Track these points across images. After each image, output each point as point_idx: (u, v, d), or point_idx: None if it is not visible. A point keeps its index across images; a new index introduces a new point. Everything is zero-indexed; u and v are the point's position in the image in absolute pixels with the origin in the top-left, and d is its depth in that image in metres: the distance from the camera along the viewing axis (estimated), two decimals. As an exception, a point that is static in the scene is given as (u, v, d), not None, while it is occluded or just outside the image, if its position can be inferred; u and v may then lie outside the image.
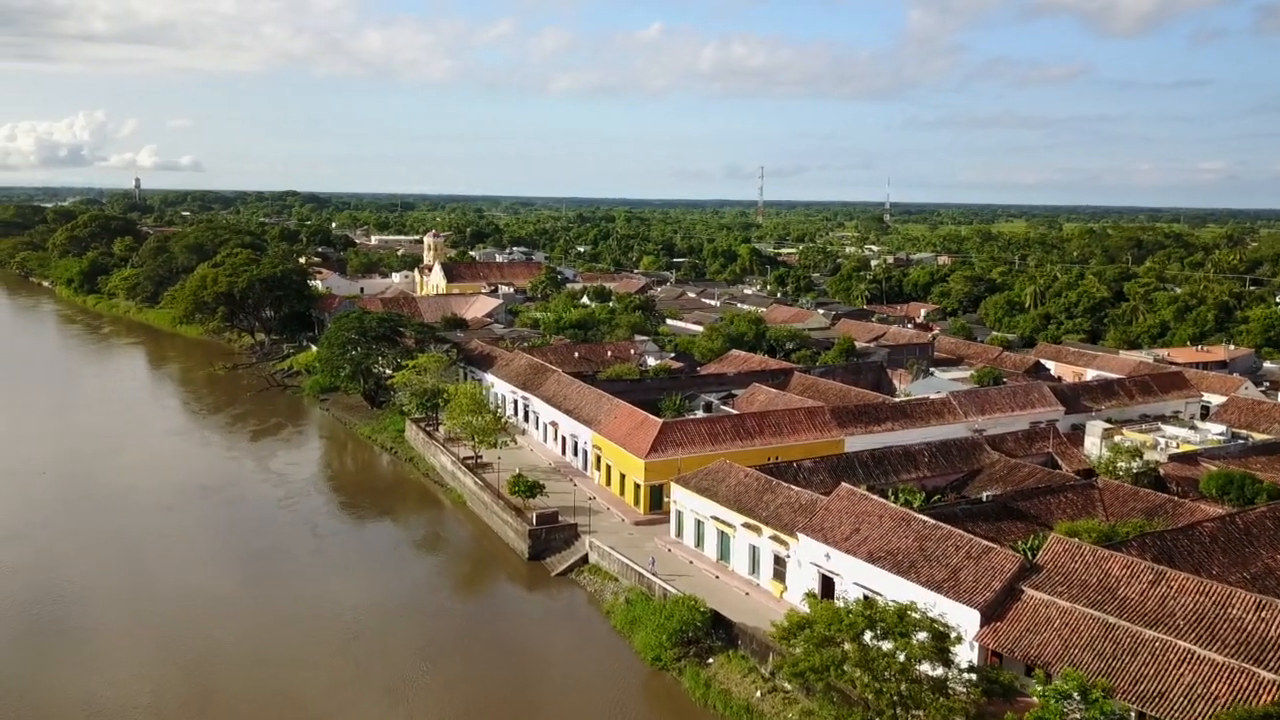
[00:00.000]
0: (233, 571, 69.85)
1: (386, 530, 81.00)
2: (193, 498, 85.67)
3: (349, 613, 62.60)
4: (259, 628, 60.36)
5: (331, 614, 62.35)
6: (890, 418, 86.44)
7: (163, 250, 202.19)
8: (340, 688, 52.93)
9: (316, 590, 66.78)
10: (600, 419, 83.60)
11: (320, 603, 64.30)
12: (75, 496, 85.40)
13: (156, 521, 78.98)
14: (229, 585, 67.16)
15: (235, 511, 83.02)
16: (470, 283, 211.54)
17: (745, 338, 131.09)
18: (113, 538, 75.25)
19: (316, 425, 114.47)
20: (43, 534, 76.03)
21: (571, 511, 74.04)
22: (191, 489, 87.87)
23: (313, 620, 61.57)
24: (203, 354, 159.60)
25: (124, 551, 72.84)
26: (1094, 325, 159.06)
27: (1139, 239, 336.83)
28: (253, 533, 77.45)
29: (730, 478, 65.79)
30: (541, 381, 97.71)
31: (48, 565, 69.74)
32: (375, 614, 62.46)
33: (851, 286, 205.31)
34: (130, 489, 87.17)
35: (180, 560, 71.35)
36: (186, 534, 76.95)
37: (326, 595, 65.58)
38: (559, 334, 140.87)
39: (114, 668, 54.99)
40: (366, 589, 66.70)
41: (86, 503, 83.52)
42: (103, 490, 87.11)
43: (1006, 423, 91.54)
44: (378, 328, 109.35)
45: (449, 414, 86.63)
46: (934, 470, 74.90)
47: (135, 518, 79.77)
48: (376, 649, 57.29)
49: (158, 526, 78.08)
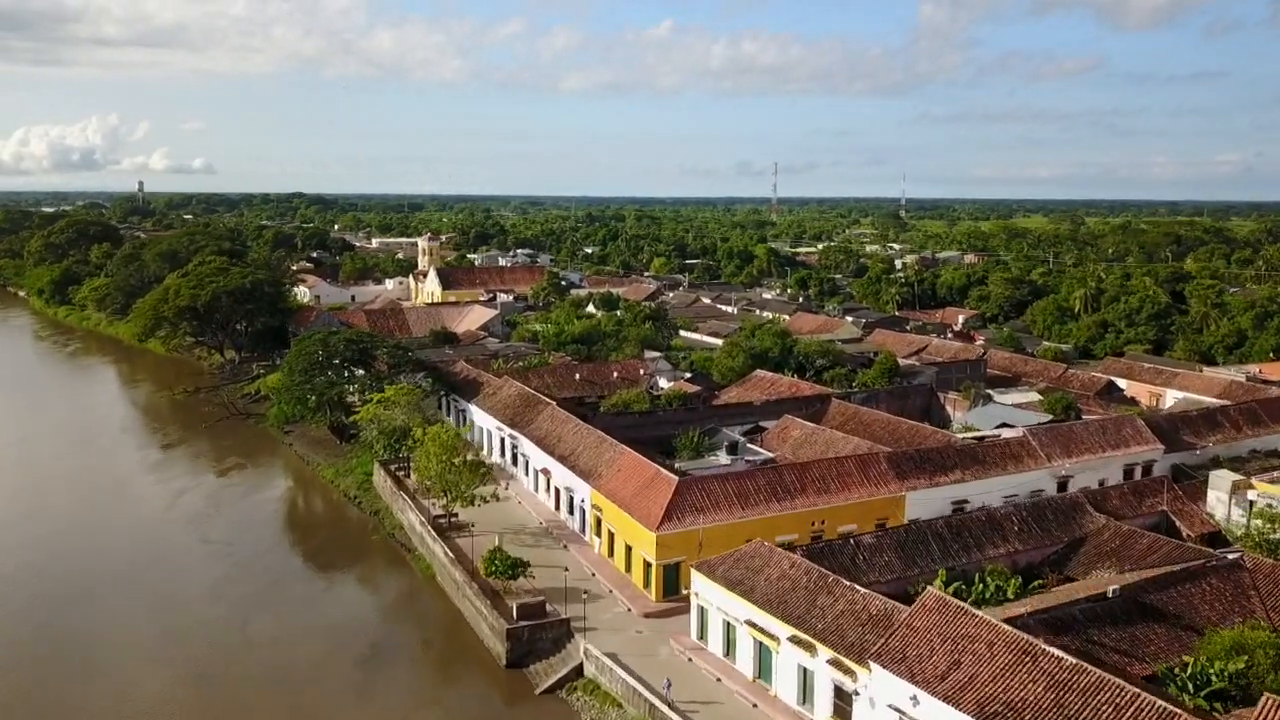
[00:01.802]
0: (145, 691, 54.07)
1: (331, 619, 64.03)
2: (112, 582, 69.13)
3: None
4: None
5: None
6: (958, 464, 70.15)
7: (134, 258, 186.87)
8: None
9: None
10: (601, 471, 67.55)
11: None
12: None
13: (65, 621, 62.82)
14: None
15: (158, 603, 66.15)
16: (468, 289, 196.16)
17: (770, 354, 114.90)
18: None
19: (277, 466, 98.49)
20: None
21: (563, 595, 58.07)
22: (115, 567, 71.48)
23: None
24: (173, 373, 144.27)
25: (21, 661, 57.02)
26: (1159, 334, 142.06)
27: (1177, 234, 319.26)
28: (172, 640, 60.31)
29: (770, 567, 49.69)
30: (532, 417, 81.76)
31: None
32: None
33: (881, 290, 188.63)
34: (39, 570, 71.09)
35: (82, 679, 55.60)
36: (95, 638, 60.80)
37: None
38: (560, 349, 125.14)
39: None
40: (294, 707, 50.88)
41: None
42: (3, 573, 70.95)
43: (1097, 467, 75.24)
44: (344, 350, 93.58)
45: (416, 464, 70.77)
46: (1026, 541, 58.67)
47: (42, 612, 63.85)
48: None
49: (67, 624, 62.13)
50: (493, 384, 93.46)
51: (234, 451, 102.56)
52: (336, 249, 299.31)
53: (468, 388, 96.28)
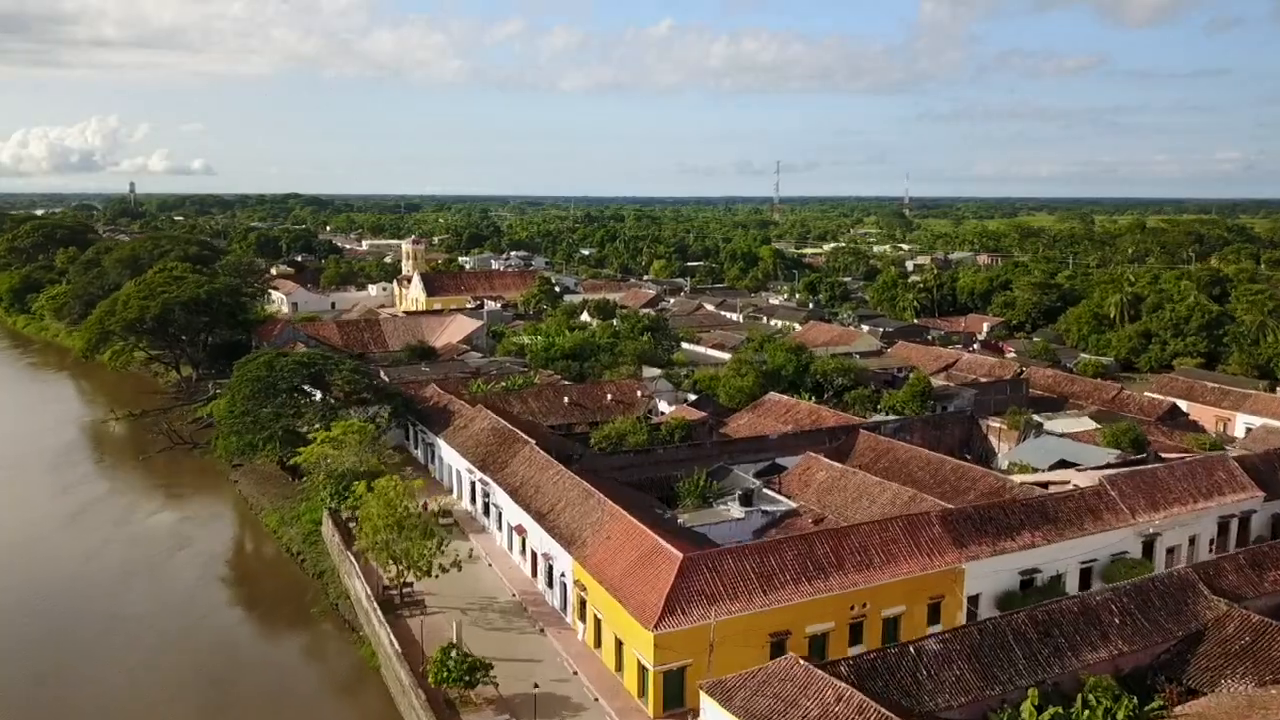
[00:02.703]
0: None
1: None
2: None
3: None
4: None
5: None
6: (1025, 523, 57.02)
7: (94, 264, 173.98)
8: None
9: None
10: (586, 537, 54.42)
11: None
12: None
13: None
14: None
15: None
16: (455, 295, 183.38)
17: (784, 372, 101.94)
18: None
19: (217, 511, 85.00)
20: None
21: (533, 707, 45.11)
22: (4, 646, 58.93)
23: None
24: (131, 390, 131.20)
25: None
26: (1209, 345, 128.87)
27: (1199, 233, 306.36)
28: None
29: (807, 698, 36.59)
30: (507, 459, 68.61)
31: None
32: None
33: (897, 296, 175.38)
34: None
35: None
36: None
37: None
38: (548, 366, 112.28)
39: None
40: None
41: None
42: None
43: (1188, 521, 62.23)
44: (291, 376, 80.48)
45: (360, 527, 57.67)
46: (1131, 639, 45.52)
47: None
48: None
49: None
50: (465, 414, 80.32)
51: (171, 491, 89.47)
52: (322, 252, 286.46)
53: (436, 417, 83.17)
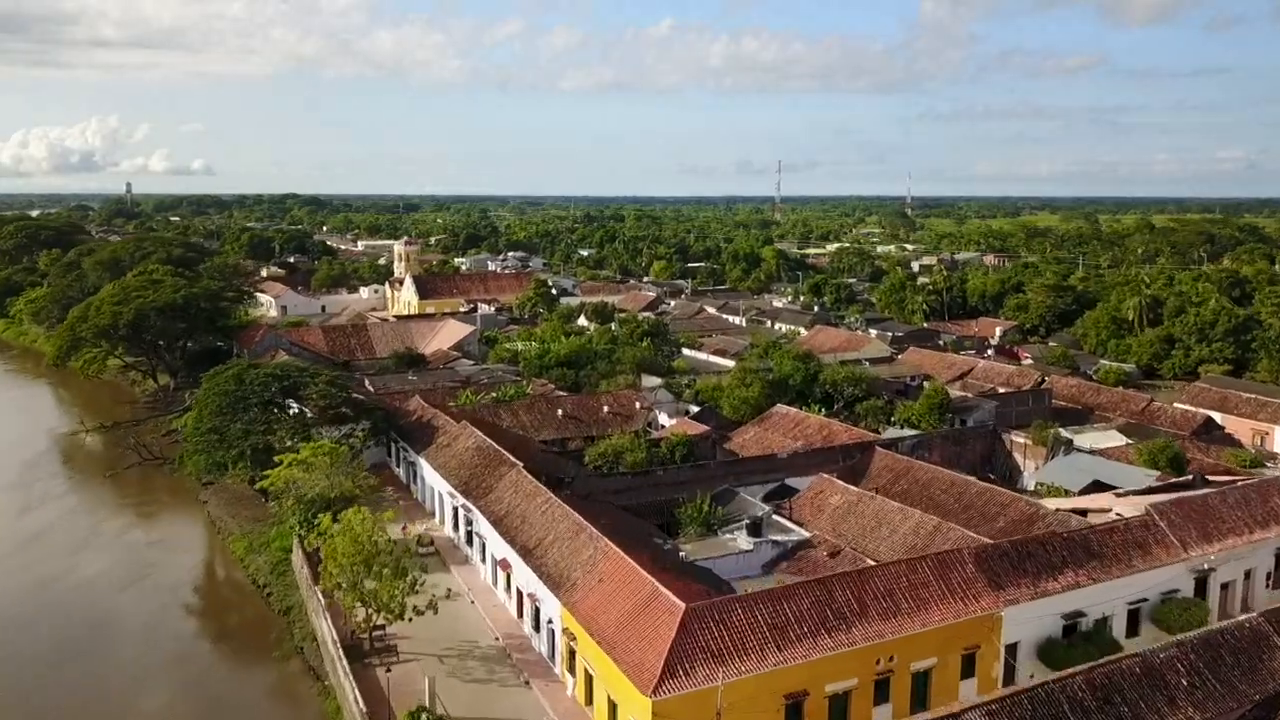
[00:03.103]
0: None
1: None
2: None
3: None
4: None
5: None
6: (1067, 560, 50.98)
7: (74, 266, 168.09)
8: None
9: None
10: (576, 578, 48.41)
11: None
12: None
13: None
14: None
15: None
16: (448, 298, 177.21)
17: (791, 382, 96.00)
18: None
19: (183, 535, 78.93)
20: None
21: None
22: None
23: None
24: (107, 400, 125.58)
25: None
26: (1236, 352, 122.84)
27: (1210, 233, 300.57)
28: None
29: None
30: (492, 483, 62.62)
31: None
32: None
33: (905, 299, 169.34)
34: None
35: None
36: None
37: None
38: (542, 374, 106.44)
39: None
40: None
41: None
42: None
43: (1244, 554, 56.27)
44: (262, 390, 74.50)
45: (324, 567, 51.67)
46: (1202, 706, 39.53)
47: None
48: None
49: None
50: (450, 431, 74.31)
51: (139, 511, 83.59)
52: (316, 253, 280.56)
53: (419, 434, 77.20)
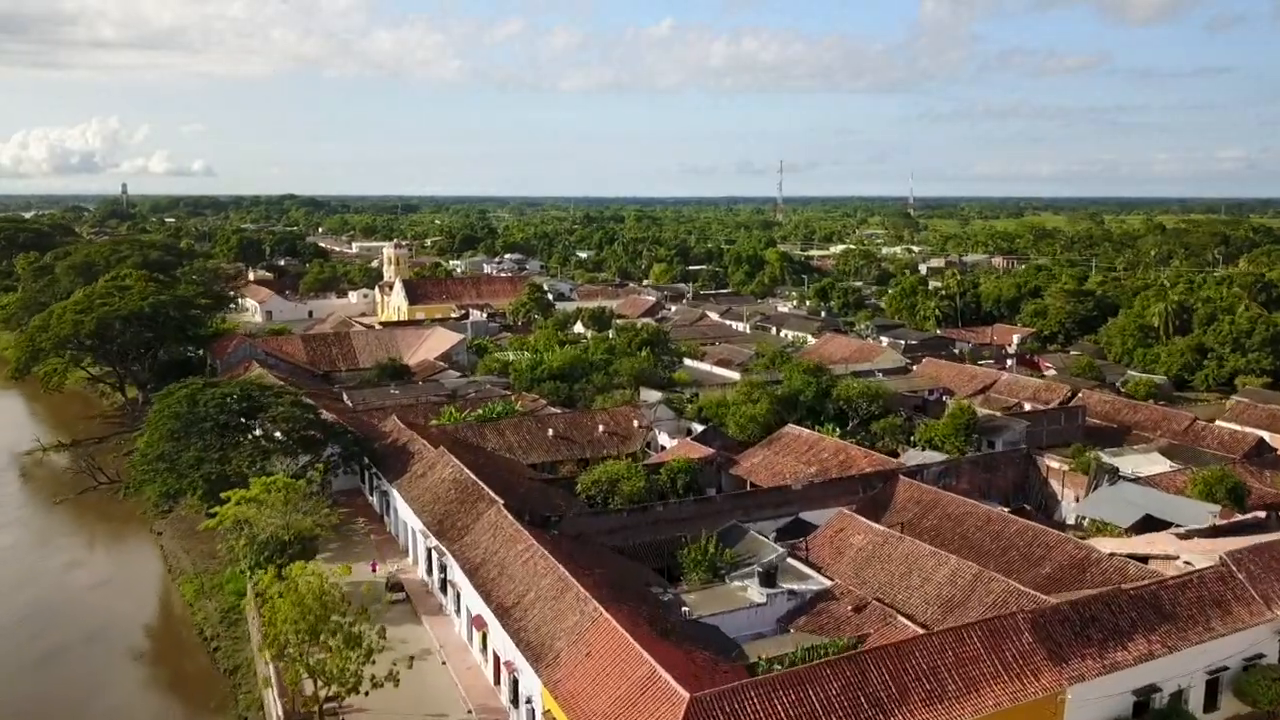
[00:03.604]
0: None
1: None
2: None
3: None
4: None
5: None
6: (1137, 624, 43.38)
7: (47, 271, 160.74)
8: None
9: None
10: (559, 649, 40.84)
11: None
12: None
13: None
14: None
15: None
16: (439, 303, 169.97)
17: (802, 398, 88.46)
18: None
19: (130, 573, 71.21)
20: None
21: None
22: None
23: None
24: (75, 414, 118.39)
25: None
26: (1274, 362, 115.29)
27: (1224, 234, 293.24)
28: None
29: None
30: (468, 523, 55.05)
31: None
32: None
33: (917, 304, 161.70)
34: None
35: None
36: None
37: None
38: (534, 387, 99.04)
39: None
40: None
41: None
42: None
43: (1335, 610, 48.61)
44: (217, 413, 66.92)
45: (264, 631, 44.08)
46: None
47: None
48: None
49: None
50: (425, 457, 66.78)
51: (82, 545, 76.29)
52: (308, 255, 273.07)
53: (394, 460, 69.63)
